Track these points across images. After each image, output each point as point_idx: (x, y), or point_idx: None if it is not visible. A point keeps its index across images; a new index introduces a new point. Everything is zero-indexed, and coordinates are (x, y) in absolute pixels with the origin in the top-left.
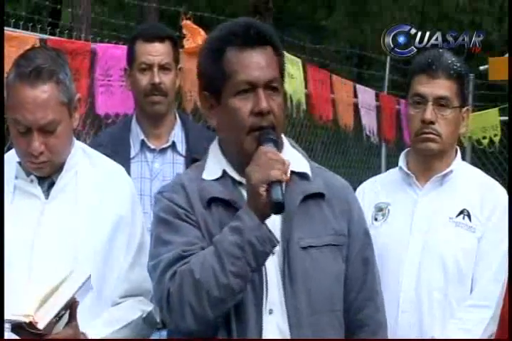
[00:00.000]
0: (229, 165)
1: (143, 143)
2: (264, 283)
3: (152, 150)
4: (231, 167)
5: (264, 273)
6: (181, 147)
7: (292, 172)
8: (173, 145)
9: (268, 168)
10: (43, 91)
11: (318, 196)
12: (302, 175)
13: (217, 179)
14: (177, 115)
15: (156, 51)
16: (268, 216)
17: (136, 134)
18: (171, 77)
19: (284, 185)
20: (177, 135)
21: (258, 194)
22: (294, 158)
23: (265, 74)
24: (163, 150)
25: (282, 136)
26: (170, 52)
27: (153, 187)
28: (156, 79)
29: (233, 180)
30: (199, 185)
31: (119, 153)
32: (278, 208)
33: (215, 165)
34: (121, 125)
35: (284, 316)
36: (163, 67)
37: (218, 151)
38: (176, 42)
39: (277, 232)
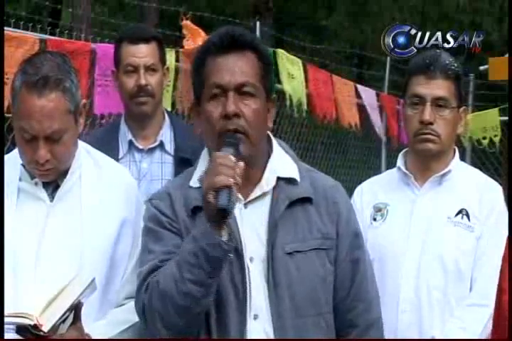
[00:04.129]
0: None
1: (131, 144)
2: (248, 289)
3: (140, 150)
4: None
5: (247, 278)
6: (170, 146)
7: (279, 178)
8: (161, 145)
9: (215, 174)
10: (50, 101)
11: (305, 200)
12: (289, 180)
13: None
14: (166, 114)
15: (142, 53)
16: (220, 222)
17: (124, 135)
18: (158, 78)
19: (234, 189)
20: (165, 134)
21: (207, 201)
22: (282, 162)
23: (236, 78)
24: (151, 150)
25: (273, 139)
26: (156, 53)
27: (141, 187)
28: (142, 81)
29: None
30: (184, 192)
31: (107, 153)
32: (222, 214)
33: (201, 172)
34: (110, 126)
35: (269, 321)
36: (149, 69)
37: (207, 157)
38: (162, 43)
39: (263, 238)
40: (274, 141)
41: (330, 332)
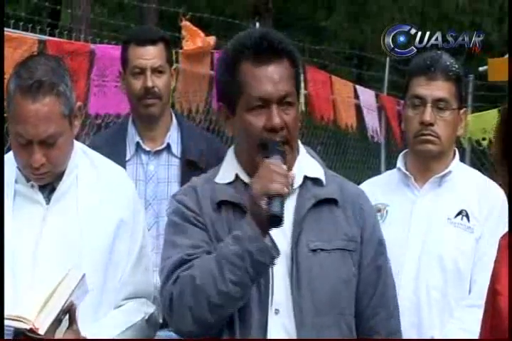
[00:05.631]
0: (241, 170)
1: (138, 146)
2: (270, 284)
3: (147, 153)
4: (243, 171)
5: (270, 274)
6: (176, 149)
7: (306, 177)
8: (168, 147)
9: (269, 181)
10: (44, 105)
11: (332, 202)
12: (316, 181)
13: (229, 183)
14: (173, 116)
15: (149, 54)
16: (268, 228)
17: (132, 136)
18: (165, 80)
19: (285, 198)
20: (172, 136)
21: (258, 206)
22: (309, 164)
23: (278, 90)
24: (158, 152)
25: (300, 143)
26: (163, 55)
27: (148, 190)
28: (149, 83)
29: (245, 184)
30: (211, 188)
31: (114, 155)
32: (276, 222)
33: (228, 169)
34: (118, 127)
35: (290, 316)
36: (156, 70)
37: (233, 156)
38: (169, 43)
39: (288, 235)
40: (301, 145)
41: (350, 335)
